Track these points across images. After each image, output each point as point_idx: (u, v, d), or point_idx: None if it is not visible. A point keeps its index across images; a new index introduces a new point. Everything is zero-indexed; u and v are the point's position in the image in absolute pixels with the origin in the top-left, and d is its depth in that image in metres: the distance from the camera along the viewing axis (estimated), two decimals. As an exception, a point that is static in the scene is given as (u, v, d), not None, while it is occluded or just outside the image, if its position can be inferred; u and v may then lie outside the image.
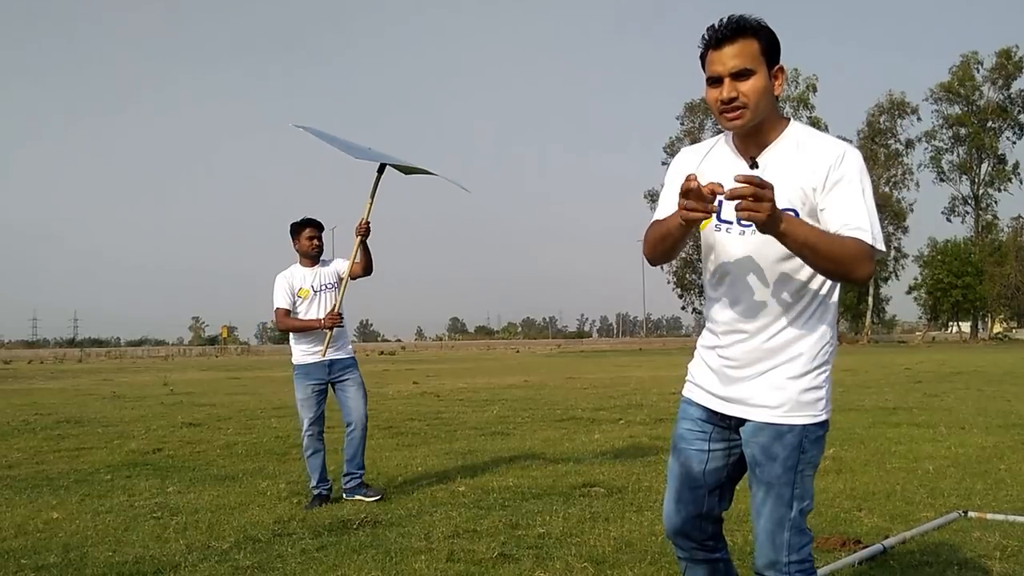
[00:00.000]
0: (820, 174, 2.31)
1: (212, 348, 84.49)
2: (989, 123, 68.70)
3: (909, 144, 70.24)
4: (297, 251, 6.28)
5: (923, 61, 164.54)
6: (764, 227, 2.14)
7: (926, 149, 70.45)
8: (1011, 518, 4.99)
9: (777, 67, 2.35)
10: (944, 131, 69.95)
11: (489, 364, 36.42)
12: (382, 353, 59.01)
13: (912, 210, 70.10)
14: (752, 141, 2.41)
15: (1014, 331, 74.56)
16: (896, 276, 72.17)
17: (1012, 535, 4.67)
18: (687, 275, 74.73)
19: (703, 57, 2.36)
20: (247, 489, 6.63)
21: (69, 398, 17.96)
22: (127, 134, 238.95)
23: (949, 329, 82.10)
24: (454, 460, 7.92)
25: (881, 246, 2.25)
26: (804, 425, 2.36)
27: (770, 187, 2.10)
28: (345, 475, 6.20)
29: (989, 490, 6.00)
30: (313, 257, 6.27)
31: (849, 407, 12.22)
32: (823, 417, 2.39)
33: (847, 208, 2.27)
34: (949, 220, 71.62)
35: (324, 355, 6.13)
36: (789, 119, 2.44)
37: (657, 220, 2.48)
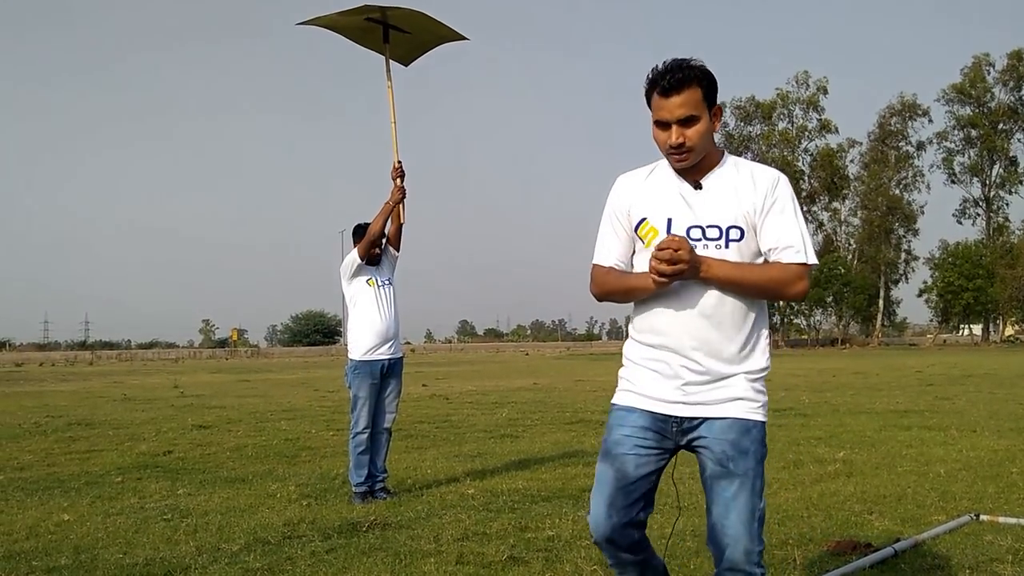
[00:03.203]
0: (760, 196, 2.59)
1: (222, 350, 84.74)
2: (1000, 125, 68.39)
3: (920, 146, 70.02)
4: (360, 255, 6.51)
5: (935, 62, 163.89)
6: (682, 278, 2.49)
7: (937, 151, 70.23)
8: (1023, 522, 4.97)
9: (716, 108, 2.60)
10: (955, 133, 69.70)
11: (498, 367, 36.44)
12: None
13: (923, 212, 70.00)
14: (694, 167, 2.62)
15: (1026, 334, 74.16)
16: (907, 279, 71.97)
17: (1024, 539, 4.64)
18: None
19: (648, 96, 2.58)
20: (257, 491, 6.65)
21: (80, 400, 18.03)
22: (137, 136, 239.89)
23: (960, 332, 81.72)
24: (463, 463, 7.92)
25: (813, 260, 2.57)
26: (762, 422, 2.60)
27: (687, 248, 2.45)
28: (368, 477, 6.29)
29: (1001, 493, 5.97)
30: (374, 263, 6.54)
31: (860, 410, 12.18)
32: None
33: (783, 228, 2.58)
34: (960, 222, 71.40)
35: (403, 218, 6.44)
36: (723, 150, 2.70)
37: (613, 269, 2.69)
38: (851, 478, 6.64)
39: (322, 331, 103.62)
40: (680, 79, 2.51)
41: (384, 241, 6.51)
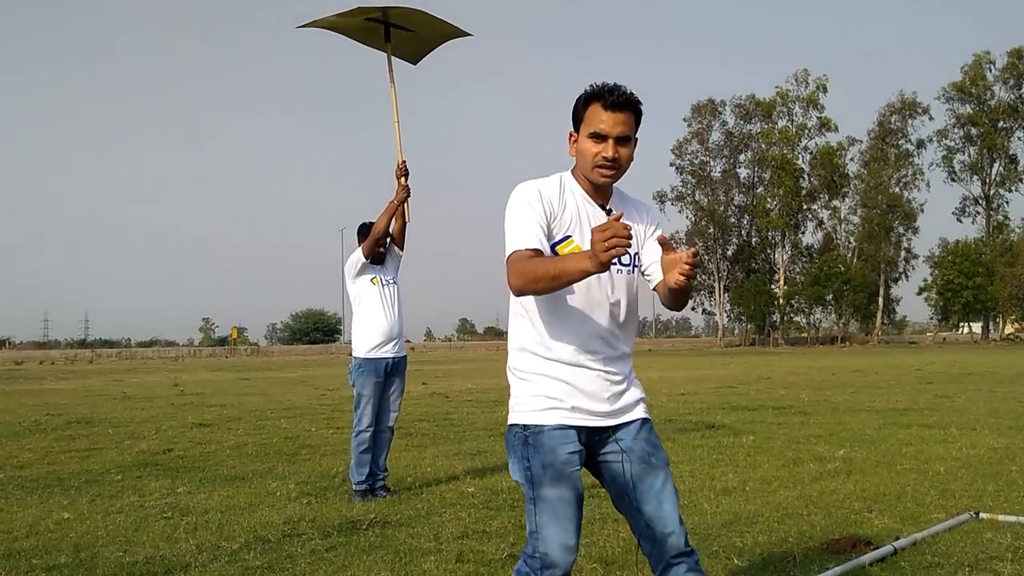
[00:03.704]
0: (646, 226, 2.77)
1: (222, 349, 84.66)
2: (1001, 123, 68.39)
3: (920, 144, 70.02)
4: (364, 253, 6.48)
5: (935, 60, 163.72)
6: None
7: (937, 149, 70.24)
8: (1023, 520, 4.97)
9: (635, 139, 2.68)
10: (956, 131, 69.70)
11: (498, 365, 36.42)
12: (391, 354, 58.91)
13: (922, 210, 69.96)
14: (600, 191, 2.69)
15: (1026, 332, 74.13)
16: (906, 277, 71.99)
17: (1024, 537, 4.64)
18: (696, 276, 74.55)
19: (585, 107, 2.60)
20: (257, 490, 6.65)
21: (80, 399, 18.04)
22: (137, 134, 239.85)
23: (960, 330, 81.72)
24: (463, 461, 7.92)
25: None
26: None
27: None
28: (369, 475, 6.30)
29: (1001, 491, 5.97)
30: (378, 262, 6.52)
31: (859, 408, 12.18)
32: None
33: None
34: (960, 220, 71.45)
35: (408, 217, 6.42)
36: None
37: (536, 253, 2.51)
38: (851, 476, 6.65)
39: (322, 329, 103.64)
40: (627, 99, 2.57)
41: (388, 240, 6.51)
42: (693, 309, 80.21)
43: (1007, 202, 70.35)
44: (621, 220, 2.30)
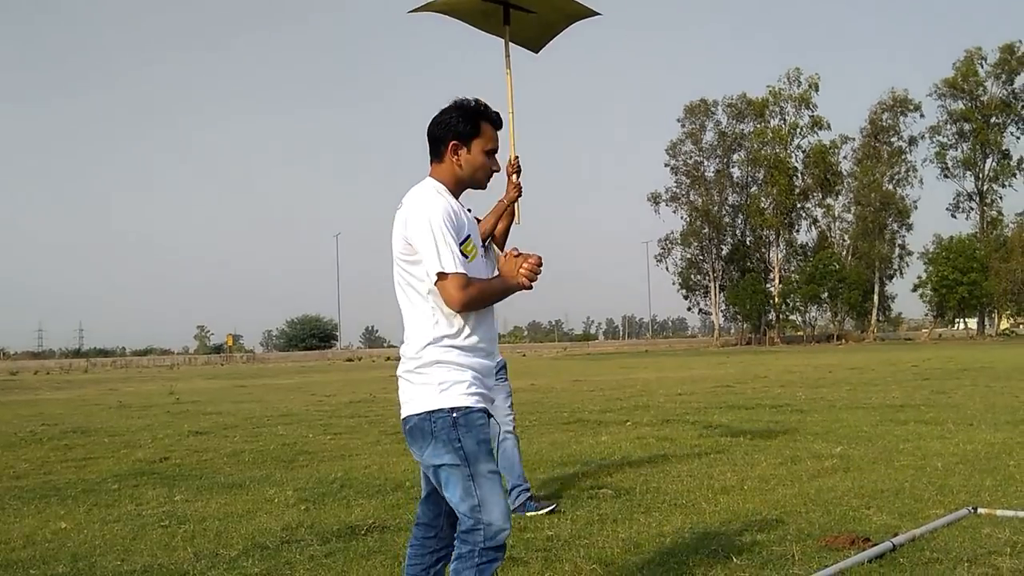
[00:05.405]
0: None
1: (218, 357, 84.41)
2: (993, 118, 68.63)
3: (912, 141, 70.26)
4: None
5: (926, 57, 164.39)
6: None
7: (930, 145, 70.47)
8: (1021, 514, 4.97)
9: None
10: (948, 127, 69.93)
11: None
12: (388, 359, 59.08)
13: (916, 207, 70.26)
14: (458, 194, 3.04)
15: (1021, 327, 74.29)
16: (901, 274, 72.20)
17: (1022, 531, 4.64)
18: (692, 276, 74.78)
19: (479, 124, 2.97)
20: (254, 496, 6.63)
21: (76, 408, 17.99)
22: (129, 141, 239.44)
23: (955, 326, 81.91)
24: (461, 464, 7.90)
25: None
26: None
27: None
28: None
29: (998, 486, 5.97)
30: None
31: (856, 405, 12.20)
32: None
33: None
34: (954, 216, 71.71)
35: (518, 219, 5.42)
36: None
37: (477, 277, 2.88)
38: (848, 473, 6.65)
39: (318, 335, 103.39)
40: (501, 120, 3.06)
41: (490, 241, 6.11)
42: (689, 309, 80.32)
43: (1000, 197, 70.70)
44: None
